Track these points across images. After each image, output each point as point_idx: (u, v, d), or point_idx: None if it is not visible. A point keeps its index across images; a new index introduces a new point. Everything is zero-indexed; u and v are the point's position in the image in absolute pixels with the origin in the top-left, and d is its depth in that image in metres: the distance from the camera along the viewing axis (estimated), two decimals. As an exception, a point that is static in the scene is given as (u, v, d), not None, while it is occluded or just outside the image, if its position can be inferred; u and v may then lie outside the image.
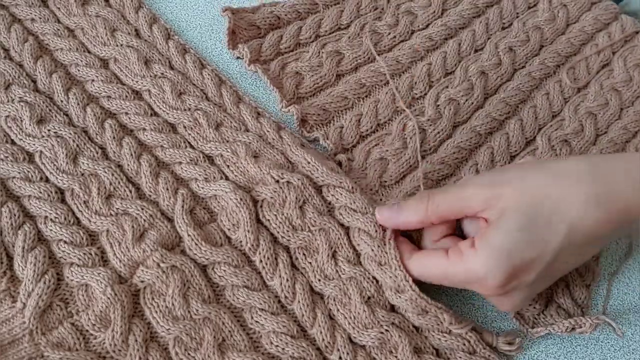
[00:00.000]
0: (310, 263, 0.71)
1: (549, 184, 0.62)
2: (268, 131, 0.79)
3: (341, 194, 0.73)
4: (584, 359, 0.73)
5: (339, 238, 0.71)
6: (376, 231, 0.69)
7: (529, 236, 0.61)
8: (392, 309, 0.69)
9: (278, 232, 0.72)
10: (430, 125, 0.84)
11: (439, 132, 0.84)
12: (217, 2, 0.96)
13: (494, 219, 0.62)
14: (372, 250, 0.69)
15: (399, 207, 0.68)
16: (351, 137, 0.83)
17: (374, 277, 0.69)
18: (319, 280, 0.70)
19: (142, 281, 0.67)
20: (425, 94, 0.88)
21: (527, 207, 0.61)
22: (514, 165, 0.67)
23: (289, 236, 0.71)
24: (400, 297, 0.67)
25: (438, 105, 0.86)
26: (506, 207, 0.61)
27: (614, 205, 0.61)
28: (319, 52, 0.90)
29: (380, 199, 0.78)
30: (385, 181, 0.80)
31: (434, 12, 0.97)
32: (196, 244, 0.69)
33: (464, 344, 0.67)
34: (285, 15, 0.92)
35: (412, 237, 0.71)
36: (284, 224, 0.72)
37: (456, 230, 0.69)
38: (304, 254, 0.71)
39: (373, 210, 0.71)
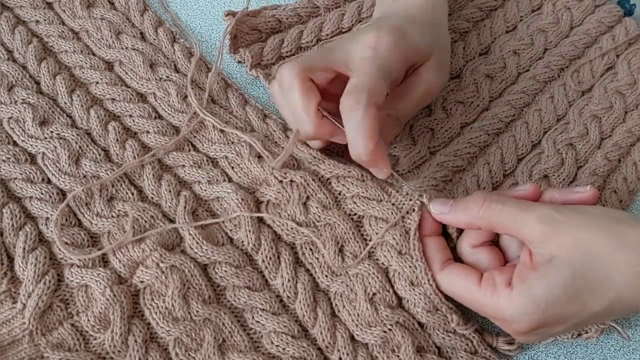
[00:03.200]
0: (317, 259, 0.71)
1: (608, 247, 0.59)
2: (274, 131, 0.80)
3: (352, 184, 0.72)
4: (584, 359, 0.73)
5: (345, 232, 0.71)
6: (395, 219, 0.69)
7: (572, 295, 0.59)
8: (399, 304, 0.69)
9: (282, 230, 0.72)
10: (438, 124, 0.84)
11: (447, 130, 0.84)
12: (221, 6, 0.96)
13: (541, 262, 0.61)
14: (394, 238, 0.69)
15: (455, 203, 0.67)
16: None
17: (383, 270, 0.69)
18: (326, 276, 0.70)
19: (141, 281, 0.67)
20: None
21: (580, 265, 0.59)
22: (579, 211, 0.63)
23: (294, 233, 0.71)
24: (414, 290, 0.67)
25: (444, 107, 0.86)
26: (557, 255, 0.60)
27: None
28: (320, 55, 0.90)
29: (396, 182, 0.78)
30: (398, 171, 0.80)
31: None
32: (197, 243, 0.69)
33: (467, 344, 0.67)
34: (287, 19, 0.92)
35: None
36: (288, 221, 0.72)
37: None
38: (310, 250, 0.71)
39: (387, 197, 0.71)
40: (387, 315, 0.67)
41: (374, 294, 0.68)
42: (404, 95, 0.74)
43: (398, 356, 0.66)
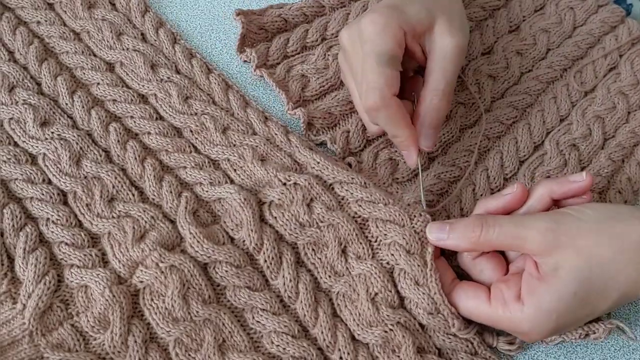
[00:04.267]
0: (320, 259, 0.71)
1: (609, 251, 0.61)
2: (276, 134, 0.79)
3: (355, 189, 0.73)
4: (584, 359, 0.72)
5: (349, 233, 0.71)
6: (402, 219, 0.70)
7: (581, 301, 0.61)
8: (401, 304, 0.69)
9: (285, 230, 0.72)
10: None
11: (444, 134, 0.83)
12: (221, 6, 0.96)
13: (547, 273, 0.62)
14: (403, 238, 0.69)
15: (451, 228, 0.68)
16: (358, 141, 0.82)
17: (387, 271, 0.69)
18: (329, 276, 0.70)
19: (141, 281, 0.67)
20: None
21: (584, 272, 0.61)
22: (576, 217, 0.64)
23: (297, 233, 0.71)
24: (418, 289, 0.67)
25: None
26: (562, 265, 0.61)
27: None
28: (324, 55, 0.90)
29: (397, 191, 0.77)
30: (397, 178, 0.80)
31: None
32: (198, 242, 0.69)
33: (467, 346, 0.67)
34: (293, 18, 0.92)
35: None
36: (291, 221, 0.71)
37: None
38: (313, 250, 0.71)
39: (393, 201, 0.72)
40: (388, 315, 0.67)
41: (376, 294, 0.68)
42: (432, 68, 0.74)
43: (398, 356, 0.66)
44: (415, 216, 0.71)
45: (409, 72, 0.80)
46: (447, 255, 0.73)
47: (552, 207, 0.69)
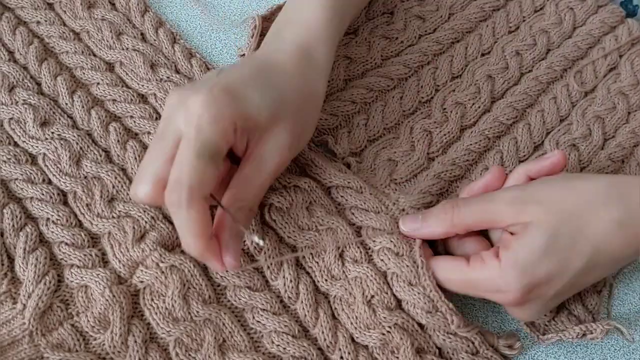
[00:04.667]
0: (317, 262, 0.71)
1: (576, 204, 0.63)
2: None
3: (350, 195, 0.73)
4: (584, 359, 0.73)
5: (346, 238, 0.71)
6: (391, 226, 0.70)
7: (553, 253, 0.62)
8: (398, 305, 0.69)
9: (284, 232, 0.72)
10: (437, 127, 0.84)
11: (445, 135, 0.83)
12: (221, 6, 0.96)
13: (519, 231, 0.64)
14: (391, 241, 0.69)
15: (423, 217, 0.69)
16: (359, 141, 0.82)
17: (381, 273, 0.69)
18: (326, 280, 0.70)
19: (141, 281, 0.67)
20: (432, 98, 0.88)
21: (553, 225, 0.62)
22: (541, 181, 0.68)
23: (296, 236, 0.71)
24: (413, 289, 0.67)
25: (445, 109, 0.86)
26: (531, 222, 0.63)
27: (636, 230, 0.63)
28: (326, 56, 0.89)
29: (394, 192, 0.77)
30: (396, 179, 0.80)
31: (442, 16, 0.96)
32: None
33: (468, 345, 0.67)
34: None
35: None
36: (290, 223, 0.71)
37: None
38: (310, 254, 0.71)
39: (385, 209, 0.72)
40: (385, 318, 0.67)
41: (372, 297, 0.68)
42: (249, 177, 0.64)
43: (397, 357, 0.66)
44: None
45: None
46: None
47: None
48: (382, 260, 0.69)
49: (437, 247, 0.72)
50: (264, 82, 0.66)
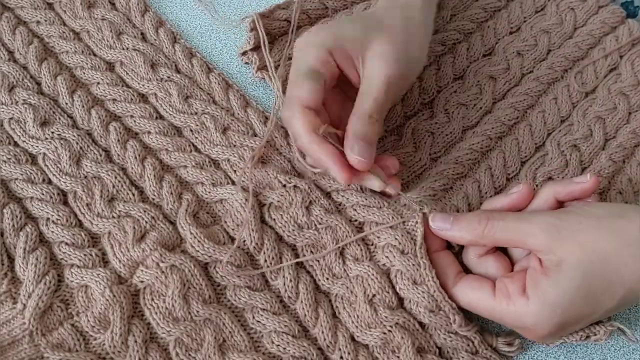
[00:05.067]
0: (318, 261, 0.71)
1: (615, 246, 0.61)
2: (276, 137, 0.79)
3: (351, 194, 0.73)
4: (584, 359, 0.73)
5: (346, 235, 0.71)
6: (396, 222, 0.70)
7: (586, 296, 0.61)
8: (400, 305, 0.69)
9: (284, 231, 0.72)
10: (439, 128, 0.83)
11: (447, 135, 0.83)
12: (221, 6, 0.96)
13: (551, 267, 0.62)
14: (396, 238, 0.69)
15: (455, 219, 0.68)
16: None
17: (384, 272, 0.69)
18: (327, 278, 0.70)
19: (141, 281, 0.67)
20: (434, 98, 0.87)
21: (589, 266, 0.61)
22: (578, 213, 0.65)
23: (295, 235, 0.71)
24: (417, 288, 0.67)
25: (447, 110, 0.86)
26: (565, 259, 0.61)
27: None
28: (326, 57, 0.89)
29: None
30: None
31: (444, 16, 0.96)
32: (199, 241, 0.69)
33: (468, 345, 0.67)
34: (298, 21, 0.91)
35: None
36: (290, 222, 0.71)
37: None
38: (311, 252, 0.71)
39: (387, 204, 0.72)
40: (386, 317, 0.67)
41: (374, 296, 0.68)
42: (361, 92, 0.71)
43: (398, 357, 0.66)
44: (408, 218, 0.71)
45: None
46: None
47: (558, 208, 0.69)
48: (386, 257, 0.69)
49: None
50: (357, 16, 0.80)
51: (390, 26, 0.74)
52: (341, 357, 0.66)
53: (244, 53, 0.88)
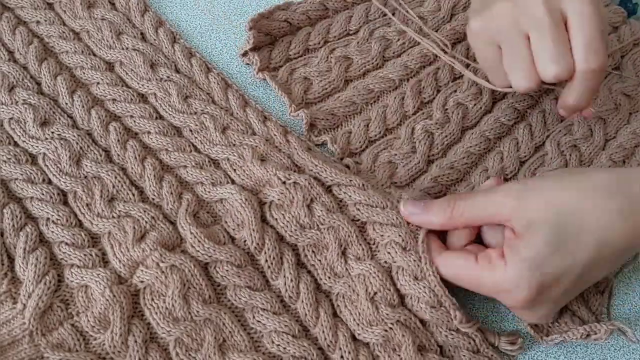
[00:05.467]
0: (319, 261, 0.71)
1: (577, 197, 0.63)
2: (275, 135, 0.79)
3: (353, 192, 0.72)
4: (584, 359, 0.73)
5: (349, 235, 0.70)
6: (399, 221, 0.70)
7: (558, 250, 0.62)
8: (401, 302, 0.68)
9: (285, 231, 0.72)
10: (438, 128, 0.83)
11: (446, 136, 0.83)
12: (221, 6, 0.96)
13: (522, 231, 0.63)
14: (400, 235, 0.69)
15: (425, 205, 0.69)
16: (359, 142, 0.83)
17: (385, 270, 0.69)
18: (329, 277, 0.70)
19: (141, 281, 0.66)
20: (434, 98, 0.87)
21: (556, 221, 0.62)
22: (541, 176, 0.68)
23: (297, 235, 0.71)
24: (418, 284, 0.67)
25: (446, 110, 0.86)
26: (534, 219, 0.62)
27: (639, 218, 0.62)
28: (327, 57, 0.90)
29: (396, 191, 0.77)
30: (396, 182, 0.80)
31: (443, 17, 0.96)
32: (199, 241, 0.68)
33: (469, 343, 0.67)
34: (297, 22, 0.92)
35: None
36: (292, 222, 0.71)
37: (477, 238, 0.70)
38: (313, 252, 0.71)
39: (390, 204, 0.71)
40: (387, 314, 0.67)
41: (375, 293, 0.68)
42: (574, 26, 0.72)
43: (399, 355, 0.66)
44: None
45: None
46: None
47: None
48: (388, 253, 0.69)
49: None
50: None
51: None
52: (342, 357, 0.66)
53: (245, 54, 0.89)
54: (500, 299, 0.66)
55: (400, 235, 0.69)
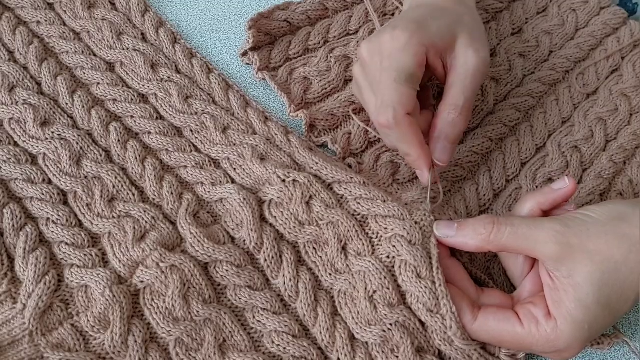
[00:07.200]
0: (320, 257, 0.71)
1: (619, 252, 0.61)
2: (276, 134, 0.79)
3: (354, 187, 0.72)
4: (584, 359, 0.72)
5: (349, 230, 0.70)
6: (403, 214, 0.69)
7: (605, 308, 0.61)
8: (402, 302, 0.67)
9: (284, 229, 0.71)
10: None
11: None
12: (221, 6, 0.96)
13: (564, 282, 0.62)
14: (405, 229, 0.68)
15: (459, 226, 0.67)
16: (360, 142, 0.82)
17: (386, 267, 0.68)
18: (330, 274, 0.70)
19: (141, 281, 0.66)
20: (436, 99, 0.87)
21: (600, 277, 0.61)
22: (583, 219, 0.64)
23: (297, 232, 0.71)
24: (420, 282, 0.66)
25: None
26: (577, 271, 0.61)
27: None
28: (327, 57, 0.90)
29: (396, 192, 0.77)
30: (399, 179, 0.80)
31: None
32: (199, 241, 0.69)
33: (464, 358, 0.66)
34: (298, 22, 0.92)
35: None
36: (290, 220, 0.71)
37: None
38: (313, 249, 0.71)
39: (391, 198, 0.71)
40: (386, 315, 0.66)
41: (374, 292, 0.67)
42: (453, 83, 0.73)
43: (397, 356, 0.66)
44: (414, 211, 0.70)
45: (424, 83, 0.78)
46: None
47: None
48: (393, 246, 0.68)
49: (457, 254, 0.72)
50: (433, 12, 0.76)
51: (468, 19, 0.77)
52: (338, 358, 0.66)
53: (244, 54, 0.88)
54: (547, 355, 0.65)
55: (405, 229, 0.68)
